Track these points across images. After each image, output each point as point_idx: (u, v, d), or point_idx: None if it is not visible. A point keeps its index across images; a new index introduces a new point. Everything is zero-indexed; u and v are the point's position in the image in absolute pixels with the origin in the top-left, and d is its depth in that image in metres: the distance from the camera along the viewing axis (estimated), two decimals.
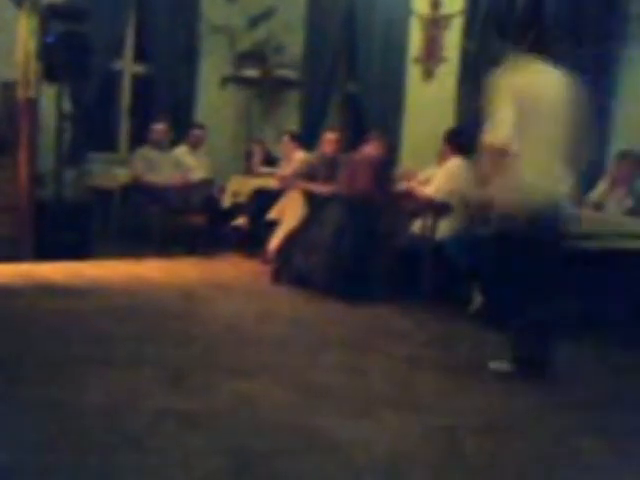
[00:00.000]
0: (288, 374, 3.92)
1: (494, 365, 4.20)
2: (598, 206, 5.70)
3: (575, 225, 4.63)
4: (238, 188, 7.68)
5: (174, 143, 7.93)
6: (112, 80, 8.20)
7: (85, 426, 3.05)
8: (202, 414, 3.26)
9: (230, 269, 6.85)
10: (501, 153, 3.91)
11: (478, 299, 5.53)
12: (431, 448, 3.12)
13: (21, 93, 6.31)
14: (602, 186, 5.80)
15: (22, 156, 6.35)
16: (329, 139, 7.04)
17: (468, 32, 6.93)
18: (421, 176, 6.44)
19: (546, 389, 3.99)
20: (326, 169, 6.74)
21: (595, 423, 3.54)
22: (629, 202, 5.58)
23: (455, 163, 6.15)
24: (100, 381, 3.58)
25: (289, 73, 8.52)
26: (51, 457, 2.74)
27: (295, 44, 8.44)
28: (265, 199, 7.09)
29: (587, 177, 6.02)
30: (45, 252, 6.33)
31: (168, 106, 8.23)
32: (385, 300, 5.68)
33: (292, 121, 8.52)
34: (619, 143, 5.99)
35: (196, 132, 8.00)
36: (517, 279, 4.07)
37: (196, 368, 3.91)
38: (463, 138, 6.24)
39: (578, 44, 5.61)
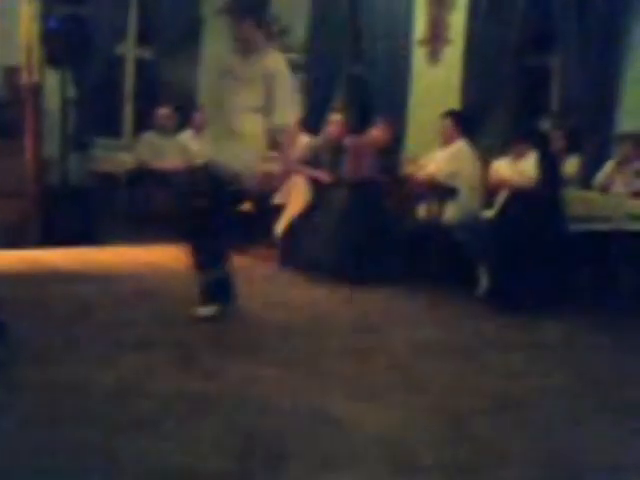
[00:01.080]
0: (296, 357, 3.92)
1: (201, 311, 4.46)
2: (604, 188, 5.67)
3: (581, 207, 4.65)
4: None
5: (179, 128, 7.90)
6: (115, 64, 8.17)
7: (94, 408, 3.06)
8: (211, 395, 3.27)
9: (236, 254, 6.82)
10: None
11: (484, 281, 5.53)
12: (435, 426, 3.13)
13: (25, 78, 6.29)
14: (609, 167, 5.77)
15: (27, 141, 6.33)
16: (334, 120, 6.99)
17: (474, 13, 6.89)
18: (424, 160, 6.37)
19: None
20: (331, 155, 6.70)
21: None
22: (637, 184, 5.55)
23: (459, 145, 6.13)
24: (110, 364, 3.59)
25: (293, 56, 8.45)
26: (58, 436, 2.75)
27: (299, 27, 8.37)
28: None
29: (594, 158, 6.01)
30: (51, 238, 6.33)
31: (172, 90, 8.19)
32: (392, 284, 5.67)
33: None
34: (626, 124, 5.96)
35: (200, 116, 7.96)
36: None
37: (205, 351, 3.91)
38: (468, 121, 6.23)
39: None
